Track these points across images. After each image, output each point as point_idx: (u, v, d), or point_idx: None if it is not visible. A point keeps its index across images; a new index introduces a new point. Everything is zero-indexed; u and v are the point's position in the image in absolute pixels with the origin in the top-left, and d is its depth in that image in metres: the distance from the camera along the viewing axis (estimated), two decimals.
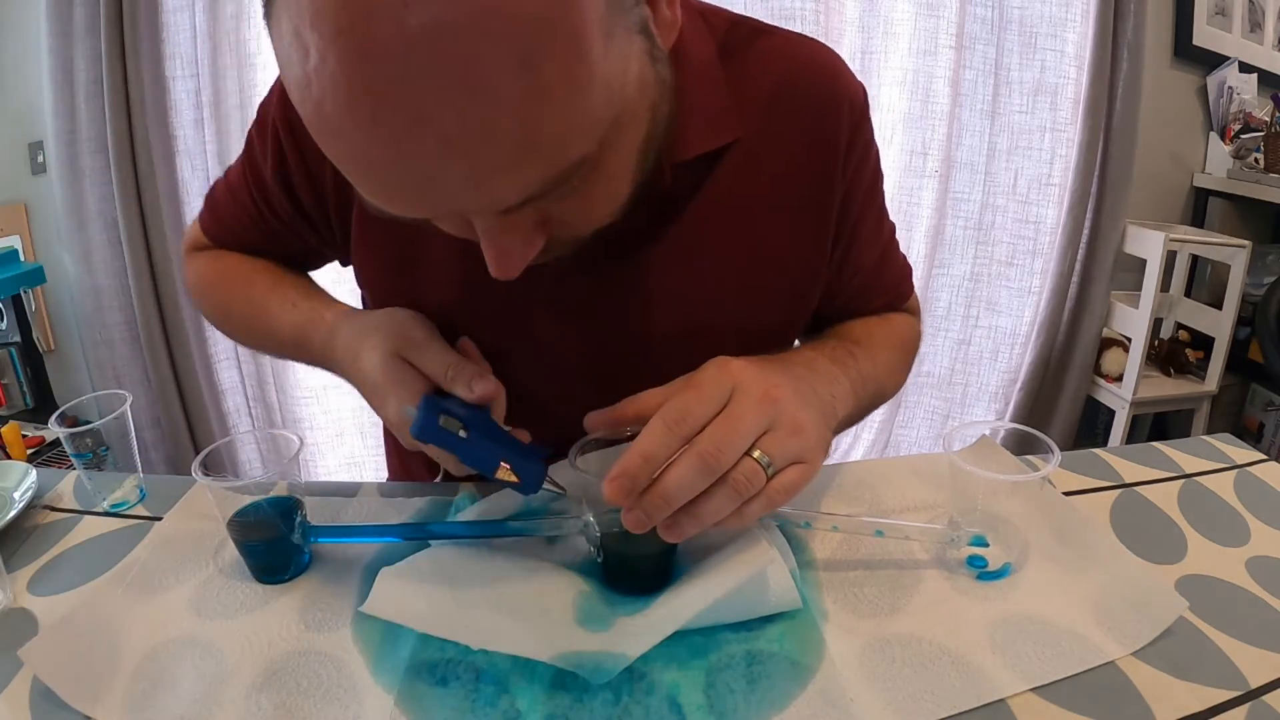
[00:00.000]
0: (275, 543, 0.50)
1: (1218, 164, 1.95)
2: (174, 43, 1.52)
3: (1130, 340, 1.81)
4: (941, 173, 1.71)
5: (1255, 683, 0.42)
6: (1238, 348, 1.87)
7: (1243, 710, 0.40)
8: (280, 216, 0.61)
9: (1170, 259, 1.82)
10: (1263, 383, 1.95)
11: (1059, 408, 1.92)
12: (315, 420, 1.82)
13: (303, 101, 0.32)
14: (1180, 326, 2.00)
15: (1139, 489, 0.61)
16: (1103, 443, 1.93)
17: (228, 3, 1.52)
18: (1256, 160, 1.87)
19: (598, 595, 0.47)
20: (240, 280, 0.65)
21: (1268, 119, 1.84)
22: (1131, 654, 0.43)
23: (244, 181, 0.62)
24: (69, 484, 0.62)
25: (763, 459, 0.41)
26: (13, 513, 0.55)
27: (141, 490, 0.61)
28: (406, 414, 0.47)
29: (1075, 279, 1.82)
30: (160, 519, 0.57)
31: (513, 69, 0.29)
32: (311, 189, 0.58)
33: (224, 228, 0.67)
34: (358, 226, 0.58)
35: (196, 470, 0.48)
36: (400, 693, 0.41)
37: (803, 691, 0.41)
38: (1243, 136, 1.89)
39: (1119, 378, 1.84)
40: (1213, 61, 1.90)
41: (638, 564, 0.48)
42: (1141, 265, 1.76)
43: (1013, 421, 1.75)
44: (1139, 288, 1.76)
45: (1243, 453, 0.67)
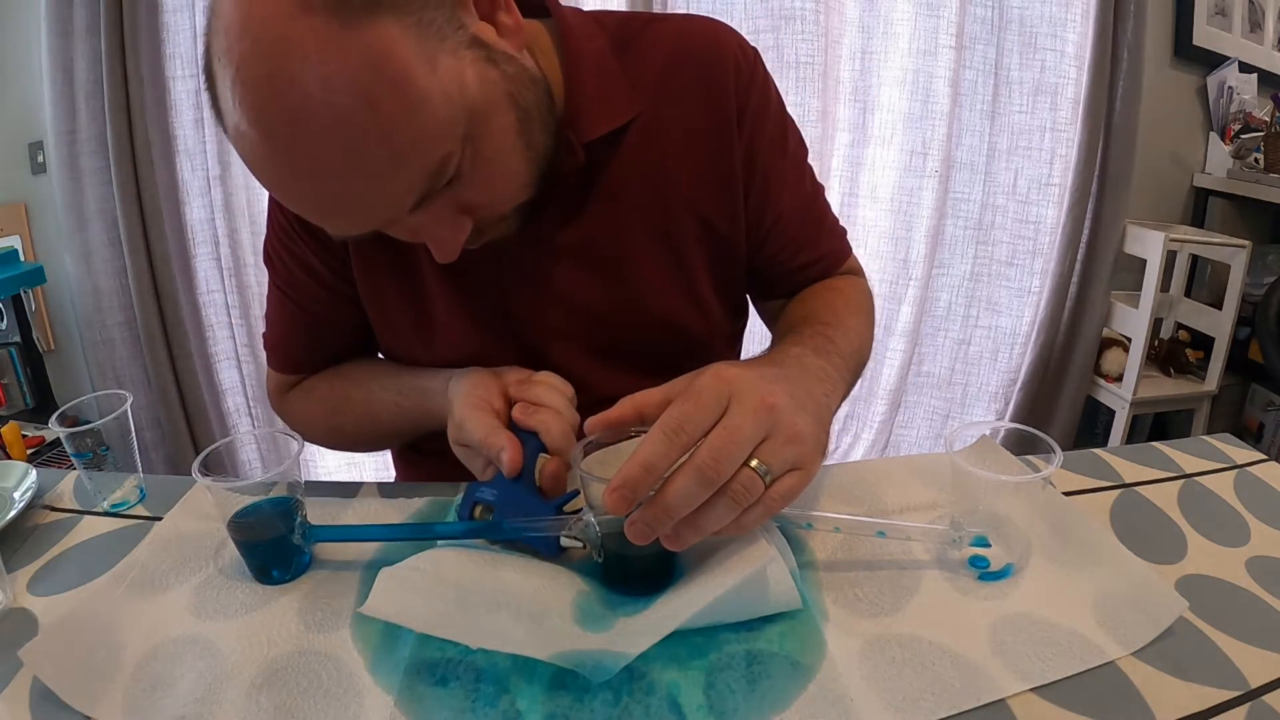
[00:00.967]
0: (275, 543, 0.50)
1: (1218, 164, 1.95)
2: (174, 43, 1.52)
3: (1130, 340, 1.81)
4: (941, 173, 1.71)
5: (1255, 683, 0.42)
6: (1238, 348, 1.87)
7: (1243, 710, 0.40)
8: (321, 303, 0.68)
9: (1170, 259, 1.83)
10: (1263, 383, 1.95)
11: (1059, 408, 1.92)
12: None
13: (243, 158, 0.44)
14: (1180, 326, 2.00)
15: (1139, 489, 0.61)
16: (1103, 443, 1.93)
17: None
18: (1256, 160, 1.87)
19: (598, 595, 0.47)
20: (339, 402, 0.70)
21: (1268, 119, 1.84)
22: (1131, 654, 0.43)
23: (278, 296, 0.69)
24: (69, 484, 0.62)
25: (760, 468, 0.41)
26: (13, 513, 0.55)
27: (141, 490, 0.61)
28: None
29: (1075, 279, 1.82)
30: (160, 519, 0.57)
31: (360, 107, 0.41)
32: (326, 253, 0.65)
33: (288, 353, 0.72)
34: (358, 272, 0.65)
35: (196, 471, 0.48)
36: (400, 693, 0.41)
37: (803, 692, 0.41)
38: (1243, 136, 1.89)
39: (1119, 378, 1.84)
40: (1213, 61, 1.90)
41: (638, 565, 0.48)
42: (1141, 265, 1.76)
43: (1013, 421, 1.74)
44: (1139, 288, 1.76)
45: (1243, 453, 0.67)
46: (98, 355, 1.66)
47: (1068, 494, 0.60)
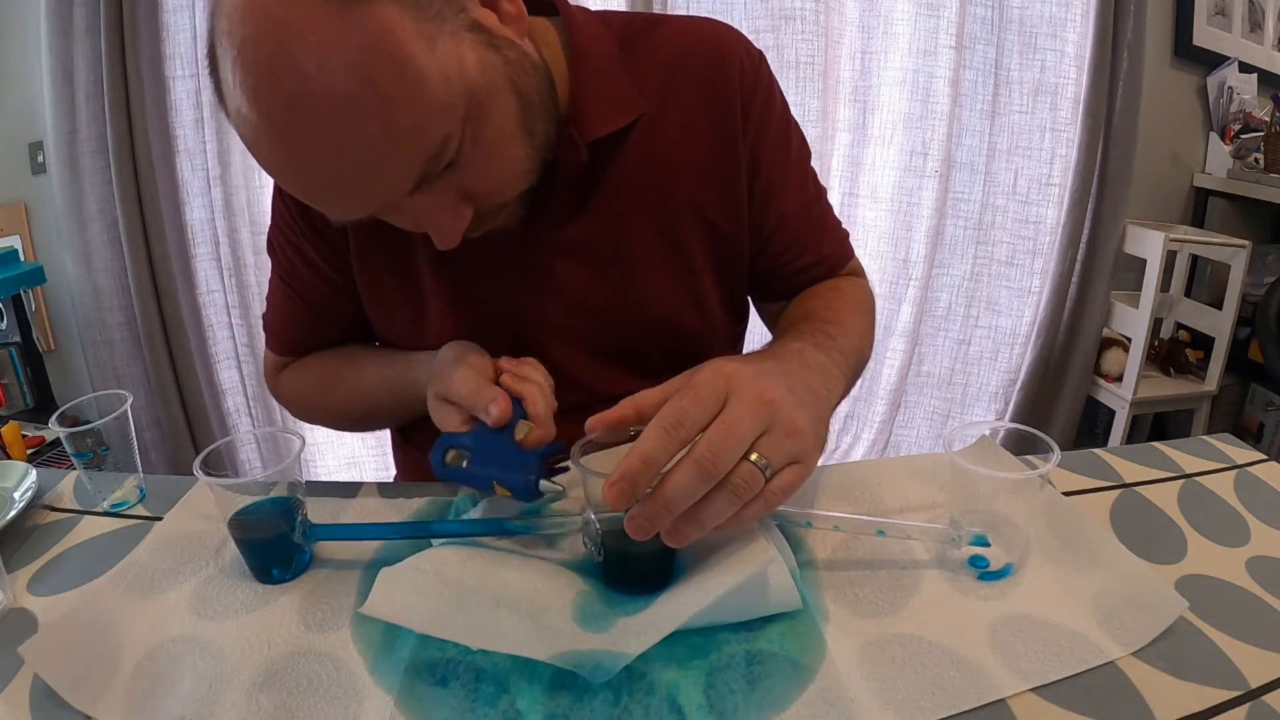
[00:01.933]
0: (276, 541, 0.50)
1: (1218, 164, 1.95)
2: (174, 43, 1.52)
3: (1130, 340, 1.81)
4: (941, 173, 1.71)
5: (1255, 683, 0.42)
6: (1238, 348, 1.87)
7: (1243, 710, 0.40)
8: (320, 295, 0.68)
9: (1170, 259, 1.83)
10: (1263, 383, 1.95)
11: (1059, 408, 1.92)
12: None
13: (244, 140, 0.45)
14: (1180, 326, 2.00)
15: (1139, 489, 0.61)
16: (1103, 443, 1.93)
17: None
18: (1256, 160, 1.87)
19: (598, 595, 0.47)
20: (330, 378, 0.71)
21: (1268, 119, 1.84)
22: (1131, 654, 0.43)
23: (279, 284, 0.70)
24: (69, 484, 0.62)
25: (760, 461, 0.41)
26: (13, 513, 0.55)
27: (141, 490, 0.61)
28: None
29: (1075, 279, 1.82)
30: (160, 519, 0.57)
31: (358, 88, 0.41)
32: (327, 249, 0.65)
33: (286, 337, 0.73)
34: (357, 266, 0.65)
35: (198, 469, 0.48)
36: (400, 693, 0.41)
37: (803, 692, 0.41)
38: (1243, 136, 1.89)
39: (1119, 378, 1.84)
40: (1213, 61, 1.90)
41: (638, 563, 0.48)
42: (1141, 265, 1.76)
43: (1012, 422, 1.75)
44: (1139, 288, 1.76)
45: (1243, 453, 0.67)
46: (98, 355, 1.66)
47: (1068, 494, 0.60)
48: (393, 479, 0.75)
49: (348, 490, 0.61)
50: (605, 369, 0.66)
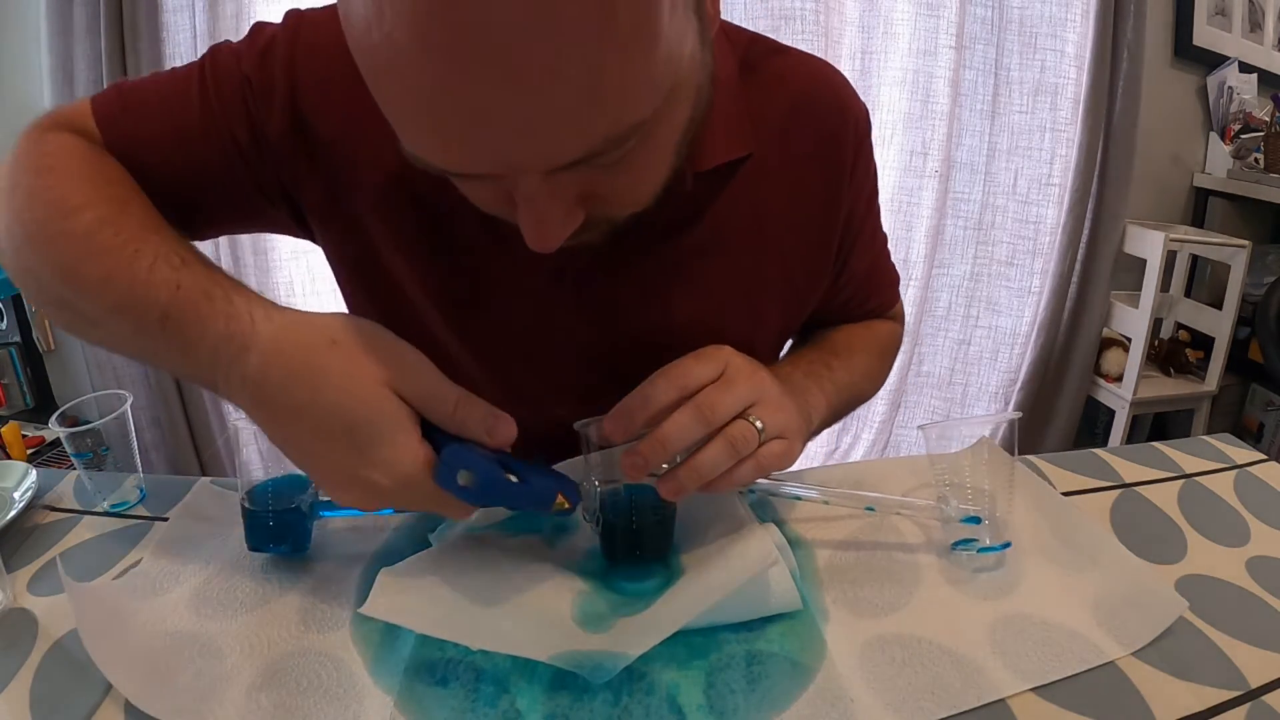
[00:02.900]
0: (284, 514, 0.50)
1: (1218, 164, 1.95)
2: (174, 43, 1.52)
3: (1130, 340, 1.81)
4: (941, 173, 1.71)
5: (1255, 683, 0.42)
6: (1238, 348, 1.87)
7: (1243, 710, 0.40)
8: (226, 150, 0.50)
9: (1170, 259, 1.83)
10: (1263, 383, 1.95)
11: (1059, 408, 1.92)
12: None
13: (369, 33, 0.32)
14: (1180, 326, 2.00)
15: (1139, 489, 0.61)
16: (1103, 443, 1.93)
17: (228, 3, 1.52)
18: (1256, 160, 1.87)
19: (597, 595, 0.47)
20: (113, 206, 0.45)
21: (1268, 119, 1.84)
22: (1131, 654, 0.43)
23: (198, 94, 0.50)
24: (69, 484, 0.62)
25: (756, 422, 0.44)
26: (13, 513, 0.55)
27: (141, 490, 0.61)
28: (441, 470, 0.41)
29: (1075, 279, 1.82)
30: (161, 519, 0.57)
31: (592, 10, 0.30)
32: (285, 166, 0.51)
33: (134, 127, 0.51)
34: (388, 223, 0.52)
35: (233, 424, 0.48)
36: (400, 693, 0.41)
37: (803, 692, 0.41)
38: (1243, 136, 1.89)
39: (1119, 378, 1.84)
40: (1213, 61, 1.90)
41: (636, 536, 0.48)
42: (1141, 265, 1.76)
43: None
44: (1139, 288, 1.76)
45: (1243, 453, 0.67)
46: (97, 355, 1.66)
47: (1068, 494, 0.60)
48: None
49: None
50: (616, 397, 0.50)
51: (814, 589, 0.49)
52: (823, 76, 0.57)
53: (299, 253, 1.64)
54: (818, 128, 0.56)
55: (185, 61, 0.54)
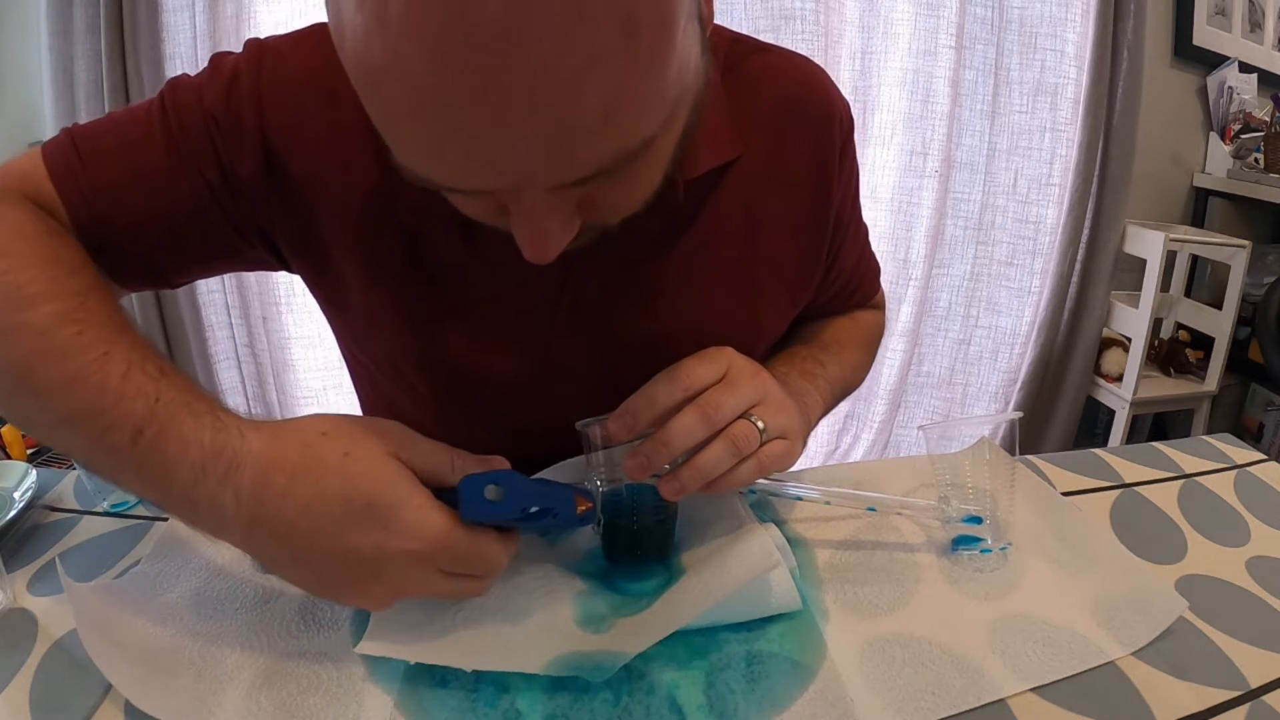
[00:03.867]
0: None
1: (1218, 164, 1.95)
2: (174, 43, 1.52)
3: (1130, 340, 1.81)
4: (941, 173, 1.71)
5: (1255, 683, 0.42)
6: (1238, 348, 1.87)
7: (1243, 710, 0.40)
8: (199, 196, 0.47)
9: (1170, 259, 1.83)
10: (1263, 383, 1.95)
11: (1059, 408, 1.92)
12: None
13: (368, 44, 0.30)
14: (1180, 326, 2.00)
15: (1139, 489, 0.61)
16: (1103, 443, 1.93)
17: (228, 3, 1.52)
18: (1256, 160, 1.87)
19: (598, 595, 0.47)
20: (74, 297, 0.41)
21: (1268, 119, 1.84)
22: (1131, 654, 0.43)
23: (162, 136, 0.47)
24: (69, 484, 0.62)
25: (758, 423, 0.45)
26: (13, 513, 0.55)
27: None
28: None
29: (1075, 279, 1.82)
30: (161, 519, 0.57)
31: (614, 33, 0.29)
32: (251, 191, 0.49)
33: (93, 177, 0.46)
34: (368, 281, 0.52)
35: None
36: (400, 693, 0.41)
37: (803, 692, 0.41)
38: (1243, 136, 1.89)
39: (1119, 378, 1.84)
40: (1213, 61, 1.90)
41: (638, 534, 0.49)
42: (1141, 265, 1.76)
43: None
44: (1139, 288, 1.76)
45: (1243, 453, 0.67)
46: None
47: (1068, 494, 0.60)
48: None
49: None
50: (610, 407, 0.51)
51: (814, 589, 0.49)
52: (806, 76, 0.57)
53: None
54: (805, 128, 0.55)
55: (185, 61, 0.54)
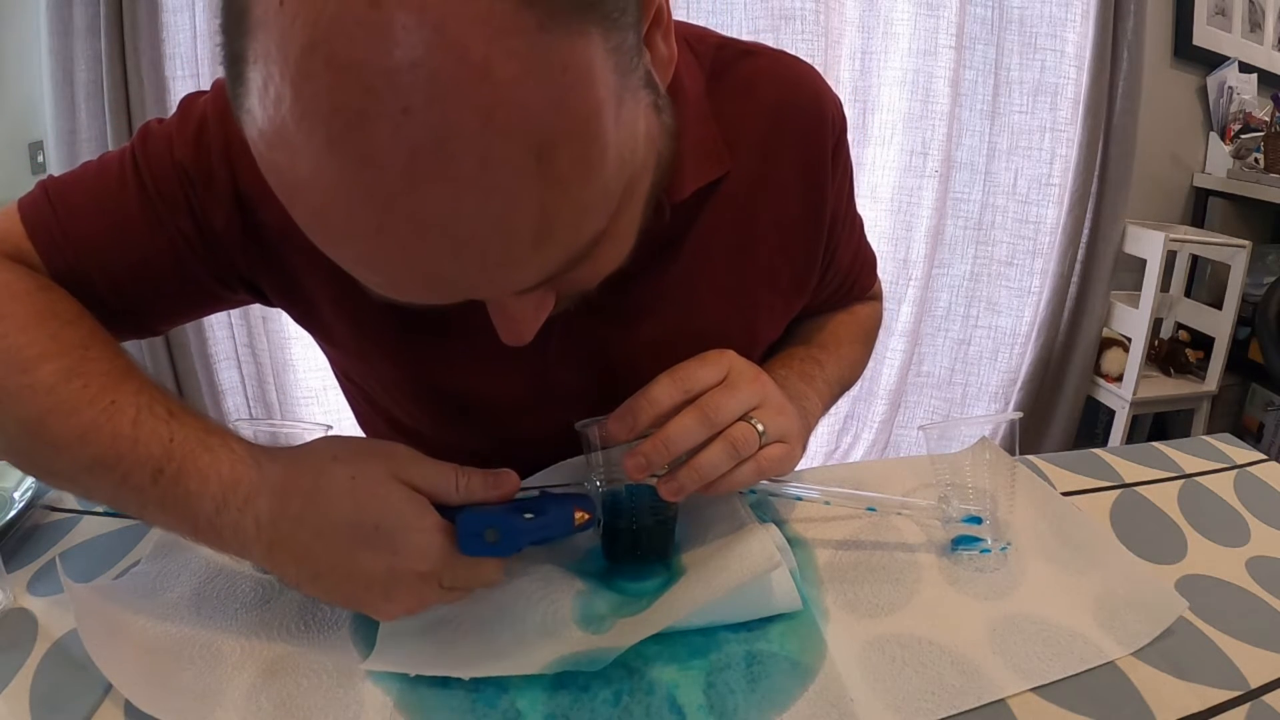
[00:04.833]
0: None
1: (1218, 164, 1.95)
2: (174, 43, 1.52)
3: (1130, 340, 1.81)
4: (941, 173, 1.71)
5: (1255, 683, 0.42)
6: (1238, 348, 1.87)
7: (1243, 710, 0.40)
8: (175, 244, 0.48)
9: (1170, 259, 1.83)
10: (1263, 383, 1.95)
11: (1059, 408, 1.92)
12: (315, 420, 1.82)
13: (294, 204, 0.30)
14: (1180, 326, 2.00)
15: (1139, 489, 0.61)
16: (1103, 443, 1.93)
17: None
18: (1256, 160, 1.87)
19: (598, 595, 0.47)
20: (76, 350, 0.43)
21: (1268, 119, 1.84)
22: (1131, 654, 0.43)
23: (135, 179, 0.47)
24: None
25: (757, 425, 0.45)
26: (13, 513, 0.55)
27: None
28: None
29: (1075, 279, 1.82)
30: None
31: (527, 165, 0.28)
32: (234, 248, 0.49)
33: (70, 232, 0.47)
34: (351, 317, 0.52)
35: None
36: (400, 693, 0.41)
37: (803, 692, 0.41)
38: (1243, 136, 1.89)
39: (1119, 378, 1.84)
40: (1213, 61, 1.90)
41: (637, 534, 0.49)
42: (1141, 265, 1.76)
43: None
44: (1139, 288, 1.76)
45: (1243, 453, 0.67)
46: None
47: (1068, 494, 0.60)
48: None
49: None
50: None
51: (814, 589, 0.49)
52: (796, 78, 0.55)
53: None
54: (796, 133, 0.53)
55: (185, 61, 0.54)
